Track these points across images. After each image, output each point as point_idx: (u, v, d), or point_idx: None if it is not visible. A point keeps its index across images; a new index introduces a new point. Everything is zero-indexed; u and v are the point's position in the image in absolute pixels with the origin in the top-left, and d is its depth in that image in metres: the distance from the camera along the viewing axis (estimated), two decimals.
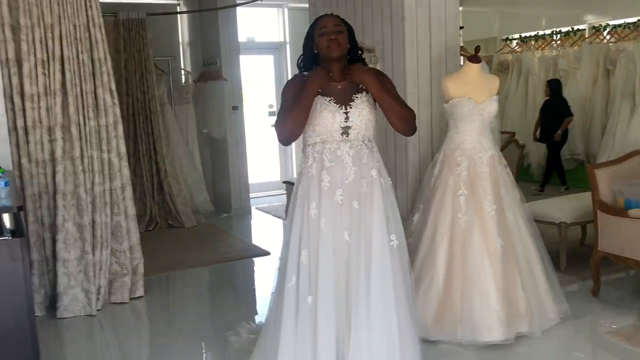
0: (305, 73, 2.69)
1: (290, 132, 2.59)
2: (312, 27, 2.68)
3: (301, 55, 2.74)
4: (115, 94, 4.39)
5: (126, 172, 4.45)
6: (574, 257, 4.85)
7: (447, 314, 3.37)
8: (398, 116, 2.59)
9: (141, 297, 4.50)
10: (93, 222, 4.25)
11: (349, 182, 2.56)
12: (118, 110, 4.41)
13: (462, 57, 4.61)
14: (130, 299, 4.44)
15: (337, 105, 2.58)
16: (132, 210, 4.47)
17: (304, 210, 2.59)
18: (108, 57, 4.36)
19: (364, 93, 2.64)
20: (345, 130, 2.59)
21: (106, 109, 4.32)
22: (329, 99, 2.60)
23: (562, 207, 4.73)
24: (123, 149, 4.43)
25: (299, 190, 2.64)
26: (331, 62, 2.62)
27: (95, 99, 4.30)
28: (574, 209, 4.68)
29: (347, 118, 2.58)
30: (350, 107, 2.59)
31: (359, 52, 2.74)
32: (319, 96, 2.60)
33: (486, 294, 3.33)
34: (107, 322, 4.14)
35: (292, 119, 2.56)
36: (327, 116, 2.57)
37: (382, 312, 2.52)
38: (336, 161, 2.58)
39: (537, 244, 3.63)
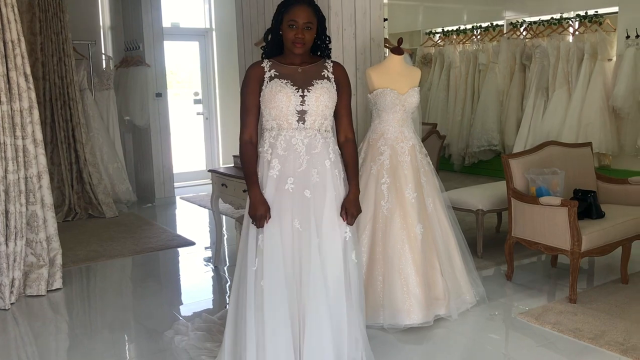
0: (265, 62, 2.64)
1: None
2: (284, 7, 2.59)
3: (268, 30, 2.68)
4: (30, 78, 4.20)
5: (43, 159, 4.28)
6: (490, 242, 5.08)
7: (370, 299, 3.45)
8: None
9: (59, 289, 4.36)
10: (6, 212, 4.07)
11: (301, 170, 2.56)
12: (33, 95, 4.23)
13: (385, 49, 4.70)
14: (48, 291, 4.29)
15: (294, 88, 2.56)
16: (49, 199, 4.31)
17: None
18: (22, 38, 4.16)
19: (326, 81, 2.62)
20: (302, 116, 2.57)
21: (20, 94, 4.13)
22: (286, 81, 2.57)
23: (479, 195, 4.93)
24: (39, 135, 4.25)
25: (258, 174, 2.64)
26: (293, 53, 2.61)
27: (8, 83, 4.09)
28: (490, 197, 4.89)
29: (303, 101, 2.55)
30: (308, 91, 2.56)
31: (327, 41, 2.69)
32: (276, 79, 2.57)
33: (406, 278, 3.44)
34: (22, 315, 3.98)
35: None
36: (282, 98, 2.54)
37: (335, 301, 2.56)
38: (289, 150, 2.56)
39: (455, 230, 3.78)
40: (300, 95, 2.56)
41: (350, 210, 2.63)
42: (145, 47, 7.31)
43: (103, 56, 7.69)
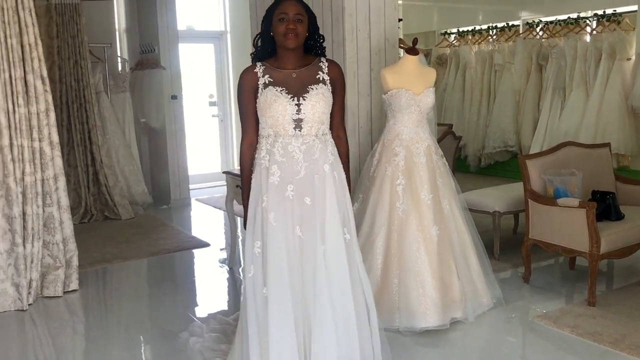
0: (258, 65, 2.58)
1: None
2: (273, 7, 2.55)
3: (257, 35, 2.63)
4: (47, 81, 4.24)
5: (59, 161, 4.31)
6: (507, 244, 5.03)
7: (385, 301, 3.43)
8: None
9: (75, 290, 4.38)
10: (24, 214, 4.10)
11: (300, 177, 2.52)
12: (50, 98, 4.26)
13: (400, 49, 4.68)
14: (64, 292, 4.31)
15: (289, 96, 2.50)
16: (65, 201, 4.34)
17: (257, 202, 2.56)
18: (39, 42, 4.20)
19: (321, 85, 2.56)
20: (298, 124, 2.52)
21: (37, 96, 4.16)
22: (281, 88, 2.51)
23: (496, 197, 4.88)
24: (55, 137, 4.28)
25: (254, 182, 2.60)
26: (287, 51, 2.55)
27: (26, 86, 4.13)
28: (507, 199, 4.84)
29: (299, 110, 2.51)
30: (304, 99, 2.51)
31: (320, 40, 2.65)
32: (270, 86, 2.52)
33: (422, 281, 3.41)
34: (39, 316, 4.01)
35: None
36: (277, 108, 2.49)
37: (343, 306, 2.54)
38: (287, 157, 2.52)
39: (472, 232, 3.73)
40: (295, 104, 2.51)
41: None
42: (160, 50, 7.34)
43: (119, 59, 7.75)
